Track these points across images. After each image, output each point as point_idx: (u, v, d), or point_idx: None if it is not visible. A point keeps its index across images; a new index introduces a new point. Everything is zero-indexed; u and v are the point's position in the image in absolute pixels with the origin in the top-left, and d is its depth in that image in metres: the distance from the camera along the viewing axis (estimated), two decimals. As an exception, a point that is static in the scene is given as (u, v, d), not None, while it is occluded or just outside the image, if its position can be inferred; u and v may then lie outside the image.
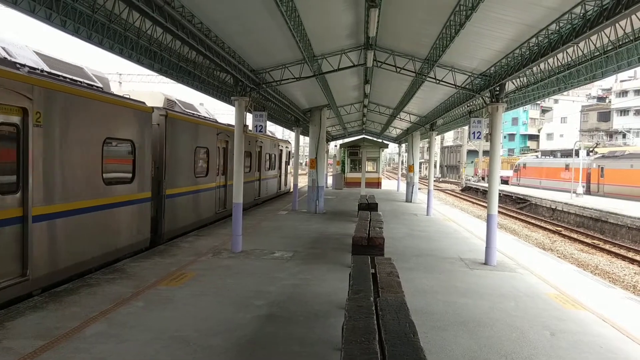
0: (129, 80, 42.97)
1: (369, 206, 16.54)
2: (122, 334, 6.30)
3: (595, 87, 77.92)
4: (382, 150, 41.06)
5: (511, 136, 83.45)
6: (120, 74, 42.61)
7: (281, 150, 29.56)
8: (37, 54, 8.82)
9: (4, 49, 7.90)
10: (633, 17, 7.19)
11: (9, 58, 7.71)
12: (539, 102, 61.95)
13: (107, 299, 7.71)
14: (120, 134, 10.28)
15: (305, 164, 48.26)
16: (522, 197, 36.93)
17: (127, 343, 6.04)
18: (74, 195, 8.72)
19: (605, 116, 69.37)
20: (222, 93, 15.73)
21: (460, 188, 55.01)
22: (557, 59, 10.17)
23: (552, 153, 48.06)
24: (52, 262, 8.15)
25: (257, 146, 23.01)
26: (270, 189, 26.93)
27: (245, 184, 22.65)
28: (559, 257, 16.61)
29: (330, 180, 40.84)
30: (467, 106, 16.13)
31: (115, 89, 12.91)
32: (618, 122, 65.94)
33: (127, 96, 11.09)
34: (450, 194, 47.60)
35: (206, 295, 8.16)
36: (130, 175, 10.77)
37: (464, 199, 42.24)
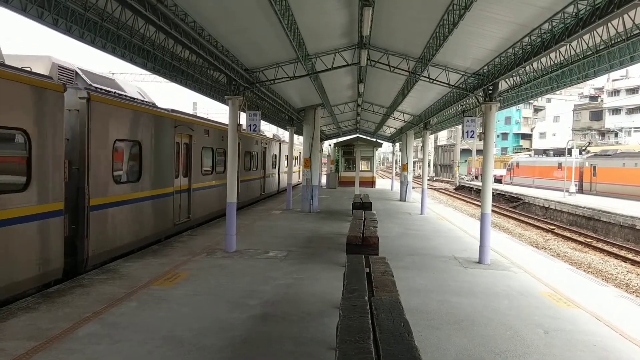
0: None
1: (363, 205, 16.56)
2: (115, 335, 6.27)
3: (588, 86, 78.35)
4: (376, 150, 41.08)
5: (504, 135, 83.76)
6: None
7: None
8: None
9: None
10: (625, 16, 7.21)
11: None
12: (531, 101, 62.21)
13: (100, 300, 7.66)
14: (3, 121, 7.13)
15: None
16: (515, 195, 37.06)
17: (121, 343, 6.00)
18: None
19: (597, 115, 69.75)
20: (215, 92, 15.69)
21: (454, 187, 55.18)
22: (550, 58, 10.20)
23: (545, 152, 48.26)
24: None
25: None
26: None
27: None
28: (552, 255, 16.67)
29: (324, 179, 40.84)
30: (461, 105, 16.17)
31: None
32: (610, 121, 66.31)
33: (28, 69, 8.13)
34: (444, 193, 47.71)
35: (200, 295, 8.13)
36: (23, 179, 7.58)
37: (458, 198, 42.35)
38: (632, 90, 64.39)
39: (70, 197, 8.99)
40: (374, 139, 40.40)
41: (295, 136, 28.47)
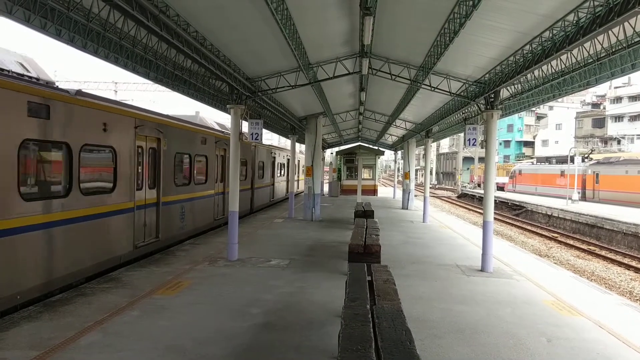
0: (125, 88, 43.03)
1: (365, 213, 16.54)
2: (118, 344, 6.26)
3: (590, 94, 78.32)
4: (378, 158, 41.09)
5: (506, 143, 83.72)
6: (116, 83, 42.68)
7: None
8: None
9: None
10: (625, 24, 7.24)
11: None
12: (533, 108, 62.28)
13: (102, 309, 7.66)
14: None
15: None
16: (518, 203, 36.99)
17: (123, 353, 6.00)
18: None
19: (599, 122, 69.65)
20: (218, 101, 15.74)
21: (456, 195, 55.08)
22: (551, 66, 10.22)
23: (547, 160, 48.20)
24: None
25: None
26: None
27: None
28: (555, 263, 16.61)
29: (326, 188, 40.85)
30: (462, 113, 16.19)
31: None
32: (612, 129, 66.21)
33: None
34: (447, 201, 47.64)
35: (202, 304, 8.12)
36: None
37: (460, 206, 42.28)
38: (634, 98, 64.28)
39: None
40: (376, 147, 40.42)
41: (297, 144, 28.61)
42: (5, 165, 7.23)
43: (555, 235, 25.10)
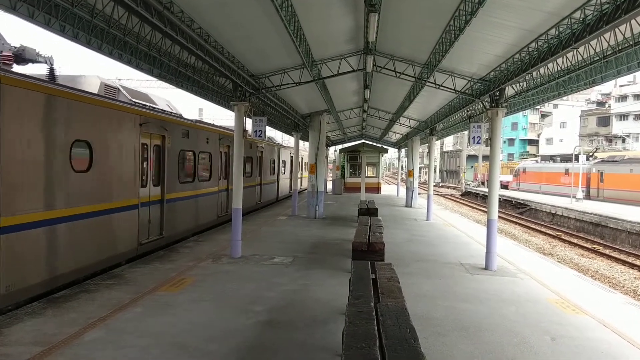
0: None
1: (369, 211, 16.51)
2: (121, 340, 6.27)
3: (595, 92, 77.99)
4: (382, 155, 41.02)
5: (511, 141, 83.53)
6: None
7: (292, 156, 32.38)
8: None
9: None
10: (632, 21, 7.19)
11: None
12: (538, 106, 62.04)
13: (105, 305, 7.67)
14: None
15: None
16: (522, 202, 36.91)
17: (126, 349, 6.00)
18: None
19: (604, 121, 69.40)
20: (221, 98, 15.72)
21: (460, 193, 55.01)
22: (557, 63, 10.17)
23: (551, 158, 48.08)
24: None
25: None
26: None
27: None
28: (559, 262, 16.57)
29: (329, 185, 40.83)
30: (467, 111, 16.14)
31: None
32: (617, 127, 65.96)
33: None
34: (450, 199, 47.58)
35: (205, 301, 8.12)
36: None
37: (464, 204, 42.22)
38: (639, 96, 64.06)
39: None
40: (380, 145, 40.37)
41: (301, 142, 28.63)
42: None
43: (559, 233, 25.05)
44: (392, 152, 71.00)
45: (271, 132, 42.72)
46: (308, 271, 10.55)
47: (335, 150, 47.44)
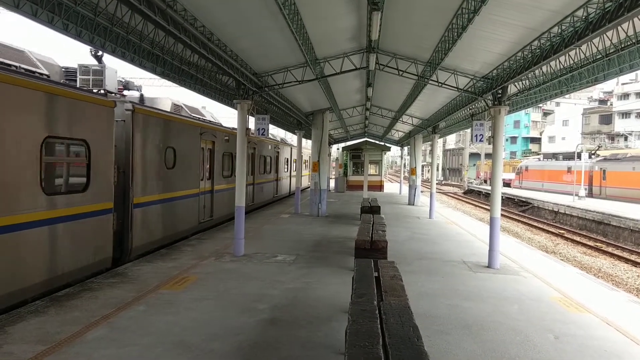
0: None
1: (372, 209, 16.52)
2: (124, 339, 6.28)
3: (597, 90, 77.84)
4: (385, 153, 40.97)
5: (513, 139, 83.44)
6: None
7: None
8: None
9: None
10: (635, 19, 7.19)
11: None
12: (541, 105, 61.90)
13: (108, 303, 7.69)
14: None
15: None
16: (524, 200, 36.87)
17: (129, 348, 6.01)
18: None
19: (607, 119, 69.25)
20: (224, 96, 15.74)
21: (463, 191, 54.98)
22: (560, 61, 10.16)
23: (554, 156, 48.06)
24: None
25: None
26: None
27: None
28: (562, 260, 16.56)
29: (332, 183, 40.82)
30: (470, 109, 16.13)
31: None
32: (620, 125, 65.81)
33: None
34: (453, 197, 47.54)
35: (208, 299, 8.13)
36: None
37: (467, 202, 42.18)
38: (641, 94, 63.95)
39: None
40: (382, 143, 40.34)
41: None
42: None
43: (562, 231, 25.01)
44: (395, 150, 71.11)
45: (273, 130, 42.73)
46: (311, 269, 10.55)
47: (338, 149, 47.45)
